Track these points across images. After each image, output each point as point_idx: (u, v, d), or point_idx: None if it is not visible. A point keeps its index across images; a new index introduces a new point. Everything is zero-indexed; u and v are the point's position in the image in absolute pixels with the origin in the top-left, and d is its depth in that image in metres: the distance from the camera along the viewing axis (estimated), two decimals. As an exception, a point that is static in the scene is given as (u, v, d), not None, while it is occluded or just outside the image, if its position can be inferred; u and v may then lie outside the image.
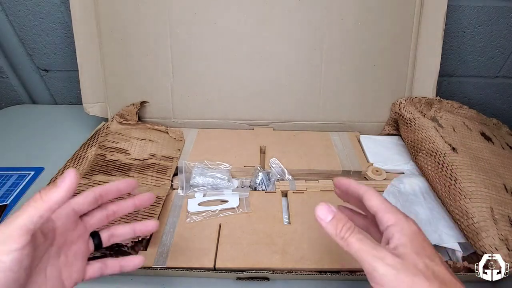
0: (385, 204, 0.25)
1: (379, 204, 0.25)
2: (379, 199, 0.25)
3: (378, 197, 0.25)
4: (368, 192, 0.26)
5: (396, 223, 0.23)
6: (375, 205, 0.25)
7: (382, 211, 0.24)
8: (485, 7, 0.59)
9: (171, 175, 0.47)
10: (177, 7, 0.53)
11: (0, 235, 0.20)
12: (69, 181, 0.22)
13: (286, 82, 0.57)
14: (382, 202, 0.25)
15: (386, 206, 0.24)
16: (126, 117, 0.56)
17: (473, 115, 0.57)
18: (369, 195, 0.25)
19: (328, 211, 0.24)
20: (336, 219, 0.24)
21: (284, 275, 0.36)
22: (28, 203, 0.21)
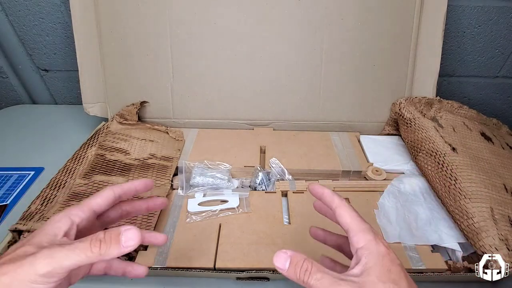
0: (356, 222, 0.24)
1: (350, 222, 0.24)
2: (351, 216, 0.24)
3: (350, 214, 0.24)
4: (340, 208, 0.25)
5: (364, 246, 0.23)
6: (346, 223, 0.24)
7: (353, 231, 0.24)
8: (485, 7, 0.59)
9: (171, 175, 0.47)
10: (177, 7, 0.53)
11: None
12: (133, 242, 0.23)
13: (286, 82, 0.57)
14: (354, 219, 0.24)
15: (357, 225, 0.24)
16: (126, 117, 0.56)
17: (473, 115, 0.57)
18: (341, 211, 0.25)
19: (284, 258, 0.24)
20: (292, 264, 0.23)
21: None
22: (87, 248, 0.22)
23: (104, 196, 0.26)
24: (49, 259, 0.21)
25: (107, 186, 0.27)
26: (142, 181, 0.29)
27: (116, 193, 0.27)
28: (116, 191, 0.27)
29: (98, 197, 0.26)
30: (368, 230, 0.24)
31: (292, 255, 0.24)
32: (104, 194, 0.26)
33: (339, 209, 0.25)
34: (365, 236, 0.23)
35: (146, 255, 0.36)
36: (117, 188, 0.27)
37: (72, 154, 0.48)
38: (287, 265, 0.23)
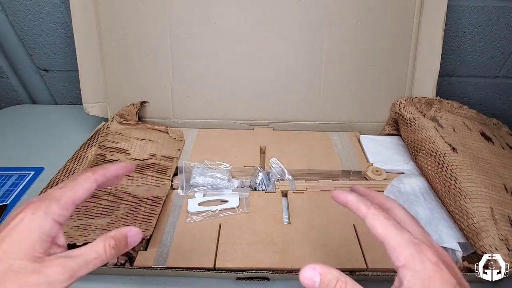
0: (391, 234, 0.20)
1: (384, 234, 0.20)
2: (383, 226, 0.21)
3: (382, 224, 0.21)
4: (368, 217, 0.21)
5: (406, 264, 0.19)
6: (380, 236, 0.21)
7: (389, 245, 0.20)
8: (485, 7, 0.59)
9: (171, 175, 0.47)
10: (177, 7, 0.53)
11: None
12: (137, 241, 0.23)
13: (286, 82, 0.57)
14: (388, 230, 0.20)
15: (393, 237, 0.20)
16: (126, 117, 0.56)
17: (473, 115, 0.57)
18: (371, 222, 0.21)
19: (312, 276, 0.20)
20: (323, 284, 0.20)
21: (284, 275, 0.36)
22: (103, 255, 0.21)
23: (87, 189, 0.23)
24: (67, 275, 0.19)
25: (87, 172, 0.24)
26: (123, 166, 0.26)
27: (99, 182, 0.24)
28: (100, 181, 0.24)
29: (80, 190, 0.23)
30: (407, 242, 0.20)
31: (322, 272, 0.20)
32: (86, 186, 0.23)
33: (368, 219, 0.21)
34: (404, 251, 0.19)
35: (146, 255, 0.36)
36: (100, 177, 0.24)
37: (72, 154, 0.48)
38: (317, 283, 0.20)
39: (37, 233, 0.19)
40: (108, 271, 0.36)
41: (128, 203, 0.41)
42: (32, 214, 0.20)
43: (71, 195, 0.22)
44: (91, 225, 0.37)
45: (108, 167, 0.25)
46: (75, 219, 0.38)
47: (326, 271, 0.20)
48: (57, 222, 0.21)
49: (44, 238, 0.20)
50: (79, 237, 0.35)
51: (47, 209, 0.20)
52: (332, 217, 0.42)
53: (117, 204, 0.41)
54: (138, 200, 0.42)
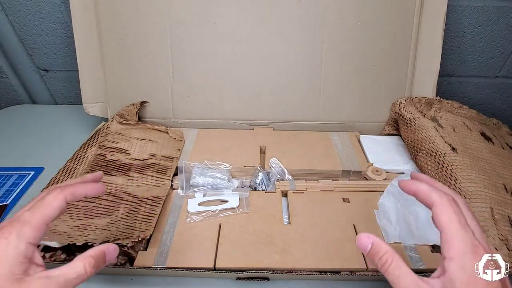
0: (454, 226, 0.21)
1: (446, 223, 0.21)
2: (449, 217, 0.21)
3: (449, 214, 0.21)
4: (439, 206, 0.22)
5: (456, 257, 0.20)
6: (443, 224, 0.21)
7: (446, 234, 0.21)
8: (485, 7, 0.59)
9: (171, 175, 0.47)
10: (177, 7, 0.53)
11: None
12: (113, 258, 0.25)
13: (286, 82, 0.57)
14: (452, 221, 0.21)
15: (454, 229, 0.20)
16: (126, 117, 0.56)
17: (473, 115, 0.57)
18: (440, 210, 0.22)
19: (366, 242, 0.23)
20: (373, 250, 0.23)
21: (284, 275, 0.36)
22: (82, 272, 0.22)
23: (56, 207, 0.23)
24: None
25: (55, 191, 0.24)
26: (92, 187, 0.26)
27: (68, 200, 0.24)
28: (69, 199, 0.24)
29: (49, 209, 0.23)
30: (466, 239, 0.20)
31: (374, 242, 0.23)
32: (55, 204, 0.23)
33: (436, 208, 0.22)
34: (459, 244, 0.20)
35: (146, 255, 0.36)
36: (69, 196, 0.24)
37: (72, 154, 0.48)
38: (367, 249, 0.23)
39: (14, 257, 0.20)
40: (108, 271, 0.36)
41: (128, 203, 0.41)
42: (5, 239, 0.20)
43: (41, 216, 0.22)
44: (91, 225, 0.37)
45: (77, 186, 0.25)
46: (75, 219, 0.38)
47: (379, 243, 0.23)
48: (31, 244, 0.21)
49: (20, 260, 0.20)
50: (79, 237, 0.35)
51: (19, 233, 0.21)
52: (332, 217, 0.42)
53: (117, 204, 0.41)
54: (138, 200, 0.42)
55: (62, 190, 0.24)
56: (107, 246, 0.25)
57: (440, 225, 0.21)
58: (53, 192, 0.24)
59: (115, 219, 0.38)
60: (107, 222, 0.38)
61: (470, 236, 0.20)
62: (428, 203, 0.23)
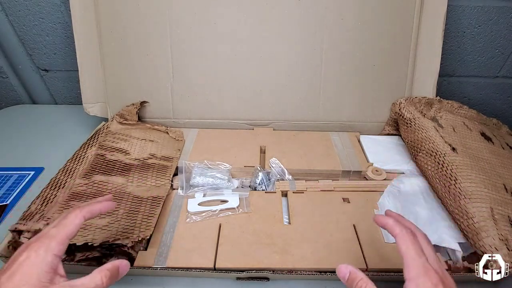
0: (410, 253, 0.25)
1: (405, 251, 0.26)
2: (407, 246, 0.26)
3: (407, 244, 0.26)
4: (400, 237, 0.26)
5: (413, 278, 0.24)
6: (402, 252, 0.26)
7: (406, 261, 0.25)
8: (485, 7, 0.59)
9: (171, 175, 0.47)
10: (177, 7, 0.53)
11: None
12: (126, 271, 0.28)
13: (286, 82, 0.57)
14: (408, 249, 0.25)
15: (410, 256, 0.25)
16: (126, 117, 0.56)
17: (473, 115, 0.57)
18: (400, 241, 0.26)
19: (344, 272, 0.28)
20: (350, 279, 0.27)
21: (284, 275, 0.36)
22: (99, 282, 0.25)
23: (77, 225, 0.27)
24: None
25: (75, 210, 0.28)
26: (107, 206, 0.30)
27: (86, 218, 0.28)
28: (87, 217, 0.28)
29: (72, 226, 0.27)
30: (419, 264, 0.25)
31: (352, 270, 0.27)
32: (76, 222, 0.27)
33: (397, 238, 0.27)
34: (414, 269, 0.25)
35: (146, 255, 0.36)
36: (87, 214, 0.28)
37: (72, 154, 0.48)
38: (346, 278, 0.27)
39: (42, 267, 0.24)
40: (108, 271, 0.36)
41: (128, 203, 0.41)
42: (35, 252, 0.24)
43: (65, 232, 0.26)
44: (91, 225, 0.37)
45: (93, 205, 0.29)
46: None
47: (354, 271, 0.27)
48: (56, 256, 0.25)
49: (47, 270, 0.24)
50: (79, 237, 0.35)
51: (47, 247, 0.25)
52: (332, 217, 0.42)
53: (117, 204, 0.41)
54: (138, 200, 0.42)
55: (81, 210, 0.28)
56: (121, 261, 0.28)
57: (400, 253, 0.26)
58: (74, 212, 0.28)
59: (115, 219, 0.38)
60: (107, 222, 0.38)
61: (423, 261, 0.25)
62: (393, 234, 0.27)
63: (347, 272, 0.27)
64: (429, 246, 0.28)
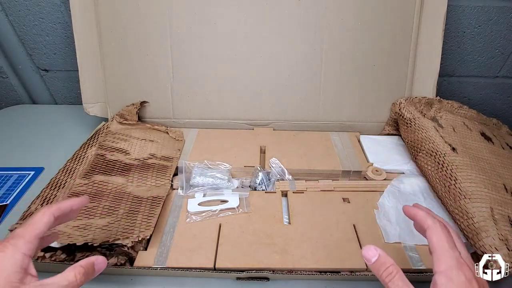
0: (443, 247, 0.24)
1: (437, 244, 0.24)
2: (439, 238, 0.24)
3: (440, 236, 0.25)
4: (432, 229, 0.25)
5: (445, 271, 0.23)
6: (433, 244, 0.24)
7: (436, 253, 0.24)
8: (485, 7, 0.59)
9: (171, 175, 0.47)
10: (177, 7, 0.53)
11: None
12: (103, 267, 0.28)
13: (286, 82, 0.57)
14: (441, 242, 0.24)
15: (443, 249, 0.24)
16: (126, 117, 0.56)
17: (473, 115, 0.57)
18: (432, 232, 0.25)
19: (373, 253, 0.25)
20: (379, 262, 0.25)
21: (284, 275, 0.36)
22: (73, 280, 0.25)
23: (45, 223, 0.26)
24: None
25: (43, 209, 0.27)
26: (77, 201, 0.30)
27: (55, 216, 0.27)
28: (56, 214, 0.27)
29: (39, 224, 0.26)
30: (453, 257, 0.23)
31: (381, 254, 0.25)
32: (45, 220, 0.26)
33: (429, 230, 0.25)
34: (447, 262, 0.23)
35: (146, 255, 0.36)
36: (56, 211, 0.27)
37: (72, 154, 0.48)
38: (373, 260, 0.25)
39: (11, 266, 0.23)
40: (108, 271, 0.36)
41: (128, 203, 0.41)
42: (2, 252, 0.23)
43: (32, 230, 0.25)
44: (91, 225, 0.37)
45: (62, 202, 0.29)
46: (76, 219, 0.38)
47: (384, 255, 0.25)
48: (25, 255, 0.24)
49: (17, 270, 0.23)
50: (79, 237, 0.35)
51: (14, 246, 0.24)
52: (332, 217, 0.42)
53: (117, 204, 0.41)
54: (138, 200, 0.42)
55: (49, 208, 0.27)
56: (96, 257, 0.28)
57: (432, 245, 0.25)
58: (42, 210, 0.27)
59: (115, 219, 0.38)
60: (107, 222, 0.38)
61: (457, 255, 0.24)
62: (424, 226, 0.26)
63: (375, 255, 0.25)
64: (462, 243, 0.26)
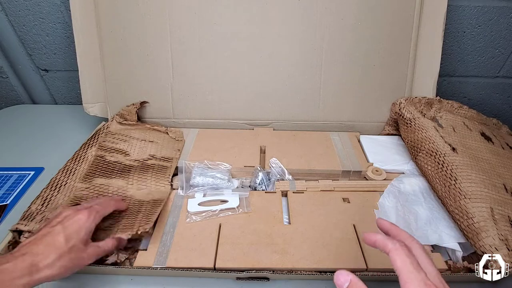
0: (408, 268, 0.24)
1: (401, 266, 0.24)
2: (403, 260, 0.24)
3: (403, 258, 0.24)
4: (393, 251, 0.25)
5: None
6: (398, 267, 0.24)
7: (404, 277, 0.24)
8: (485, 7, 0.59)
9: (171, 176, 0.47)
10: (177, 7, 0.53)
11: None
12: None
13: (286, 82, 0.57)
14: (405, 264, 0.24)
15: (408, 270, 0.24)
16: (126, 117, 0.56)
17: (473, 115, 0.57)
18: (394, 255, 0.25)
19: (344, 279, 0.25)
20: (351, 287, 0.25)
21: (284, 275, 0.36)
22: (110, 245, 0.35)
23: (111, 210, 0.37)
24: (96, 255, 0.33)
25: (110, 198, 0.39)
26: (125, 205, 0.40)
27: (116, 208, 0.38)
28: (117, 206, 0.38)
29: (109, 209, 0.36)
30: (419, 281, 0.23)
31: (353, 279, 0.25)
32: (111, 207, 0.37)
33: (391, 253, 0.25)
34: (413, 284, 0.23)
35: (146, 255, 0.36)
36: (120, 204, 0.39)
37: (72, 154, 0.48)
38: (345, 286, 0.25)
39: (88, 229, 0.33)
40: (108, 271, 0.37)
41: (129, 206, 0.41)
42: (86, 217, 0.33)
43: (104, 210, 0.35)
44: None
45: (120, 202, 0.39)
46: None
47: (356, 279, 0.25)
48: (94, 226, 0.34)
49: (88, 232, 0.33)
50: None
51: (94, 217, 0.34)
52: (332, 217, 0.42)
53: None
54: (139, 203, 0.42)
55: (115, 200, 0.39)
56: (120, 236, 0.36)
57: (397, 268, 0.24)
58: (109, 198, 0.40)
59: (116, 220, 0.38)
60: (109, 224, 0.38)
61: (423, 276, 0.23)
62: (386, 251, 0.26)
63: (347, 280, 0.25)
64: (427, 259, 0.26)
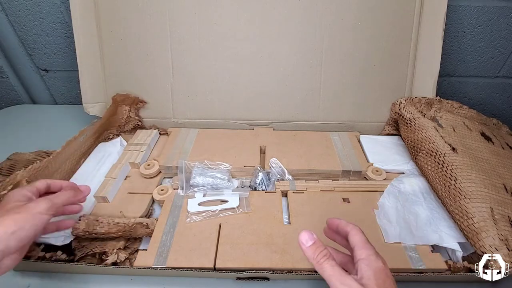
0: (363, 241, 0.28)
1: (358, 240, 0.28)
2: (361, 236, 0.29)
3: (361, 235, 0.29)
4: (354, 229, 0.29)
5: (365, 258, 0.27)
6: (355, 241, 0.28)
7: (358, 246, 0.28)
8: (485, 7, 0.59)
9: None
10: (177, 7, 0.53)
11: None
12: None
13: (286, 82, 0.57)
14: (362, 239, 0.28)
15: (363, 243, 0.28)
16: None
17: (473, 115, 0.57)
18: (355, 232, 0.29)
19: (309, 237, 0.29)
20: (315, 245, 0.28)
21: (284, 275, 0.36)
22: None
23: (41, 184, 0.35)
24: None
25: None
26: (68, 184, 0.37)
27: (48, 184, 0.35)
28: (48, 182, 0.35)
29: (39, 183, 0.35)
30: (371, 248, 0.28)
31: (316, 239, 0.29)
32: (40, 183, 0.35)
33: (353, 230, 0.29)
34: (367, 251, 0.27)
35: (146, 255, 0.36)
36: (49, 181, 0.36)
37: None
38: (310, 243, 0.28)
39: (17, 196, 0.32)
40: (108, 271, 0.37)
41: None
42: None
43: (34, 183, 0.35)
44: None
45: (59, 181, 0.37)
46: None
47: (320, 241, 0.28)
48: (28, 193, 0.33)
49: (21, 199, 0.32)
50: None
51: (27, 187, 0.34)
52: (332, 217, 0.42)
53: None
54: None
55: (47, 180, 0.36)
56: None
57: (355, 242, 0.28)
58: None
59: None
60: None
61: (374, 248, 0.28)
62: (346, 230, 0.30)
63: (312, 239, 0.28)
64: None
